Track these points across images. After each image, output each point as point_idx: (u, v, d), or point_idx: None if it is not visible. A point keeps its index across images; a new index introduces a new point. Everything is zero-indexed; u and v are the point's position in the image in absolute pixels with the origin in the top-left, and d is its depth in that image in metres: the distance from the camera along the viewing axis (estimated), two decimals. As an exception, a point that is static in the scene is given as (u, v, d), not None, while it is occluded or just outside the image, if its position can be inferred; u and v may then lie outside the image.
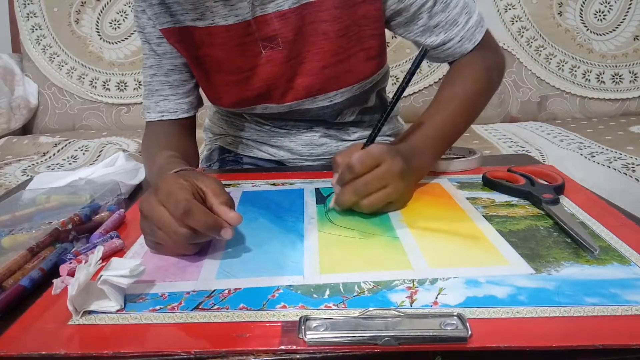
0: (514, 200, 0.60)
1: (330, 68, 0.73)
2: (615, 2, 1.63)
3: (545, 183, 0.63)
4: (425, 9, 0.69)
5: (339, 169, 0.58)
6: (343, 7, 0.68)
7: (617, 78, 1.63)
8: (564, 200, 0.59)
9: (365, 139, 0.60)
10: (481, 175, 0.66)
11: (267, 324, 0.37)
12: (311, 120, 0.86)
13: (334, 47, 0.70)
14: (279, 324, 0.36)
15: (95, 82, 1.72)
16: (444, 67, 1.64)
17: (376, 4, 0.69)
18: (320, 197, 0.63)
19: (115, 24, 1.72)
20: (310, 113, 0.81)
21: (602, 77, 1.64)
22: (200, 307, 0.39)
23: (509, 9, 1.64)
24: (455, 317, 0.35)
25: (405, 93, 1.39)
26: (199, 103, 0.81)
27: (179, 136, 0.76)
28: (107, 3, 1.71)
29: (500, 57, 0.76)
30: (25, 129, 1.72)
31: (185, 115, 0.76)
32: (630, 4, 1.62)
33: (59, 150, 1.37)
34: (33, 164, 1.27)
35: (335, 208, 0.57)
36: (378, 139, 0.60)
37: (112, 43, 1.72)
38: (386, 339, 0.34)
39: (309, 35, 0.70)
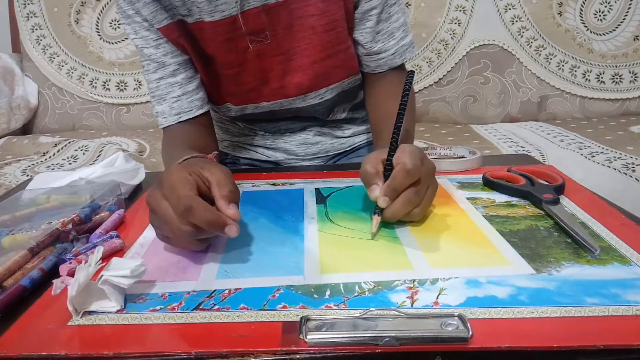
0: (514, 200, 0.60)
1: (320, 63, 0.75)
2: (615, 2, 1.63)
3: (545, 183, 0.63)
4: (374, 13, 0.73)
5: (373, 179, 0.53)
6: (330, 1, 0.70)
7: (617, 78, 1.63)
8: (564, 200, 0.59)
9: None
10: (481, 175, 0.66)
11: (268, 324, 0.36)
12: (304, 120, 0.86)
13: (322, 41, 0.73)
14: (279, 324, 0.36)
15: (95, 82, 1.72)
16: (443, 69, 1.66)
17: None
18: (320, 197, 0.63)
19: (115, 24, 1.72)
20: (302, 111, 0.83)
21: (602, 77, 1.63)
22: (200, 307, 0.39)
23: (509, 9, 1.64)
24: (456, 318, 0.35)
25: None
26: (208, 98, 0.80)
27: (198, 134, 0.75)
28: (107, 3, 1.71)
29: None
30: (25, 129, 1.71)
31: (200, 112, 0.75)
32: (630, 4, 1.62)
33: (58, 150, 1.37)
34: (33, 164, 1.27)
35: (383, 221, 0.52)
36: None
37: (112, 43, 1.72)
38: (387, 339, 0.34)
39: (297, 30, 0.71)
